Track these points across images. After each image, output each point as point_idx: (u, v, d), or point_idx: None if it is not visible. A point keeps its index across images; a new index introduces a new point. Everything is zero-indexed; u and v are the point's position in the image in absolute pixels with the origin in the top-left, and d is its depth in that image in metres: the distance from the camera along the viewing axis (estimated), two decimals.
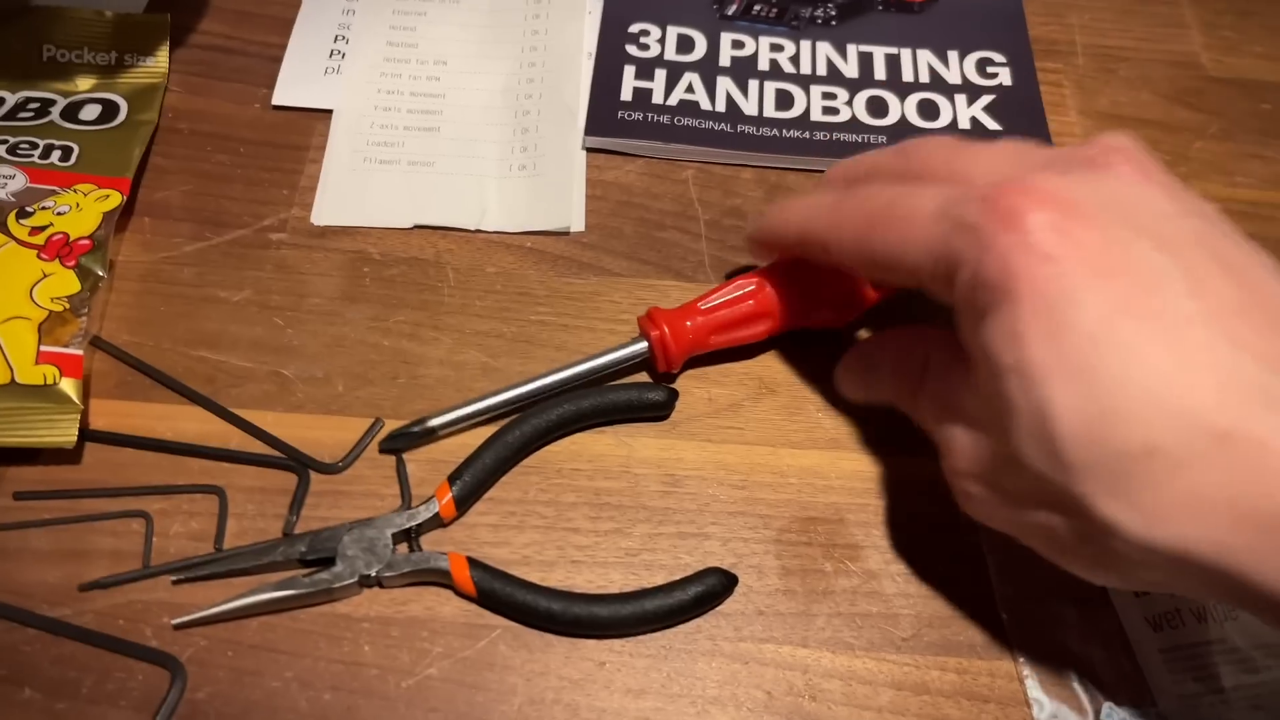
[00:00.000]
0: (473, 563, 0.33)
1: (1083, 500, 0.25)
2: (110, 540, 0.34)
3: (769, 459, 0.36)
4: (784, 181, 0.44)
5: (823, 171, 0.44)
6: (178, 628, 0.32)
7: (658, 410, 0.37)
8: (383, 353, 0.38)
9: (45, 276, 0.36)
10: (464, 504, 0.34)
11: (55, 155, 0.40)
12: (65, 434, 0.34)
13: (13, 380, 0.34)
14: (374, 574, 0.32)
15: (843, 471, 0.36)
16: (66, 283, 0.37)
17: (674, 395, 0.37)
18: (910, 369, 0.32)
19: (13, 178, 0.39)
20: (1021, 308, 0.25)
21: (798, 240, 0.33)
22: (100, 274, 0.37)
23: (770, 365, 0.39)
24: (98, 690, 0.31)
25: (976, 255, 0.26)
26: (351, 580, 0.32)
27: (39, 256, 0.37)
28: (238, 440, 0.36)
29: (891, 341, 0.34)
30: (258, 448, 0.36)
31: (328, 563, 0.33)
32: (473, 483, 0.34)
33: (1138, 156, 0.28)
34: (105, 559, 0.33)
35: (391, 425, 0.36)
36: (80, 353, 0.35)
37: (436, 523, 0.34)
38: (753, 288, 0.36)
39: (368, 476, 0.35)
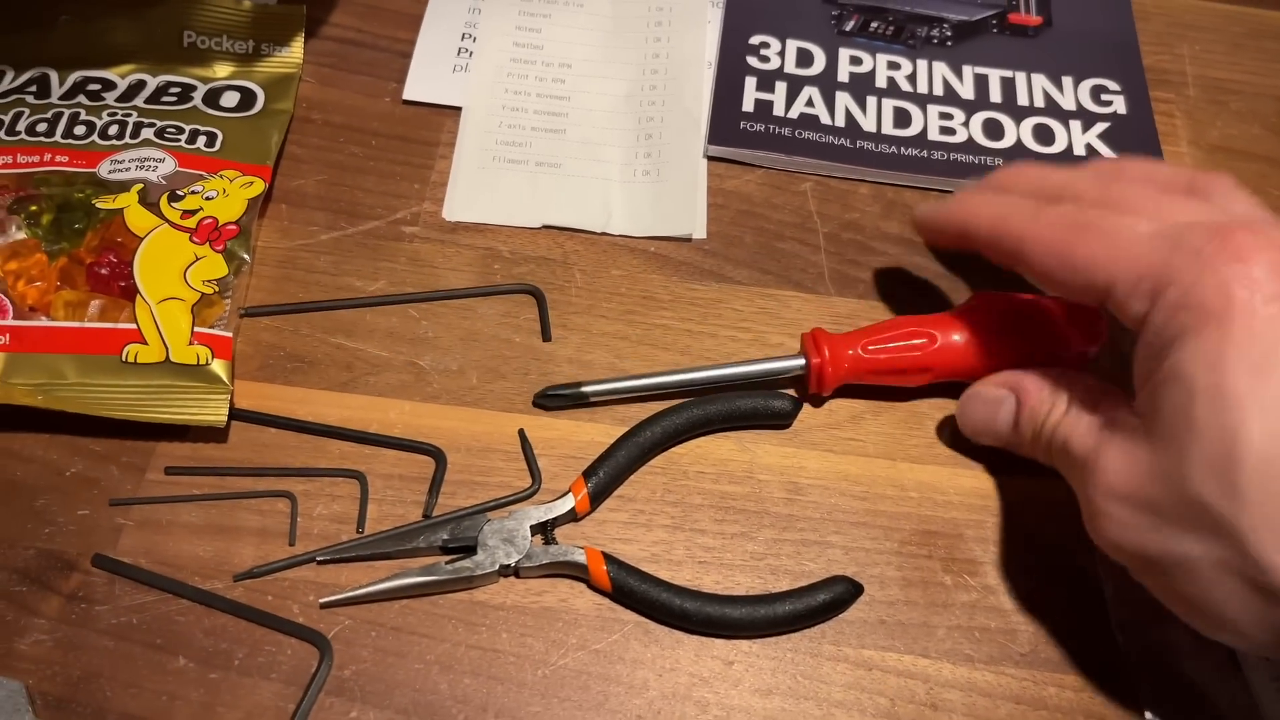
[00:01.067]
0: (608, 558, 0.34)
1: (1243, 532, 0.25)
2: (257, 518, 0.35)
3: (889, 471, 0.37)
4: (901, 198, 0.44)
5: (941, 191, 0.44)
6: (324, 606, 0.33)
7: (782, 419, 0.38)
8: (514, 348, 0.39)
9: (197, 259, 0.38)
10: (597, 499, 0.35)
11: (201, 140, 0.41)
12: (216, 413, 0.35)
13: (167, 359, 0.36)
14: (513, 564, 0.33)
15: (961, 488, 0.37)
16: (215, 266, 0.38)
17: (798, 405, 0.38)
18: (1053, 396, 0.33)
19: (163, 161, 0.40)
20: (1232, 335, 0.26)
21: (989, 235, 0.34)
22: (246, 259, 0.39)
23: None
24: (249, 662, 0.32)
25: (1195, 276, 0.27)
26: (492, 569, 0.33)
27: (191, 240, 0.38)
28: (376, 424, 0.37)
29: (1028, 375, 0.34)
30: (396, 431, 0.37)
31: (468, 551, 0.34)
32: (606, 479, 0.35)
33: None
34: (252, 536, 0.34)
35: (524, 423, 0.37)
36: (230, 335, 0.37)
37: (570, 517, 0.35)
38: (924, 341, 0.36)
39: (501, 469, 0.36)
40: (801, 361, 0.37)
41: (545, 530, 0.35)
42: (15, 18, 0.44)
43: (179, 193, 0.39)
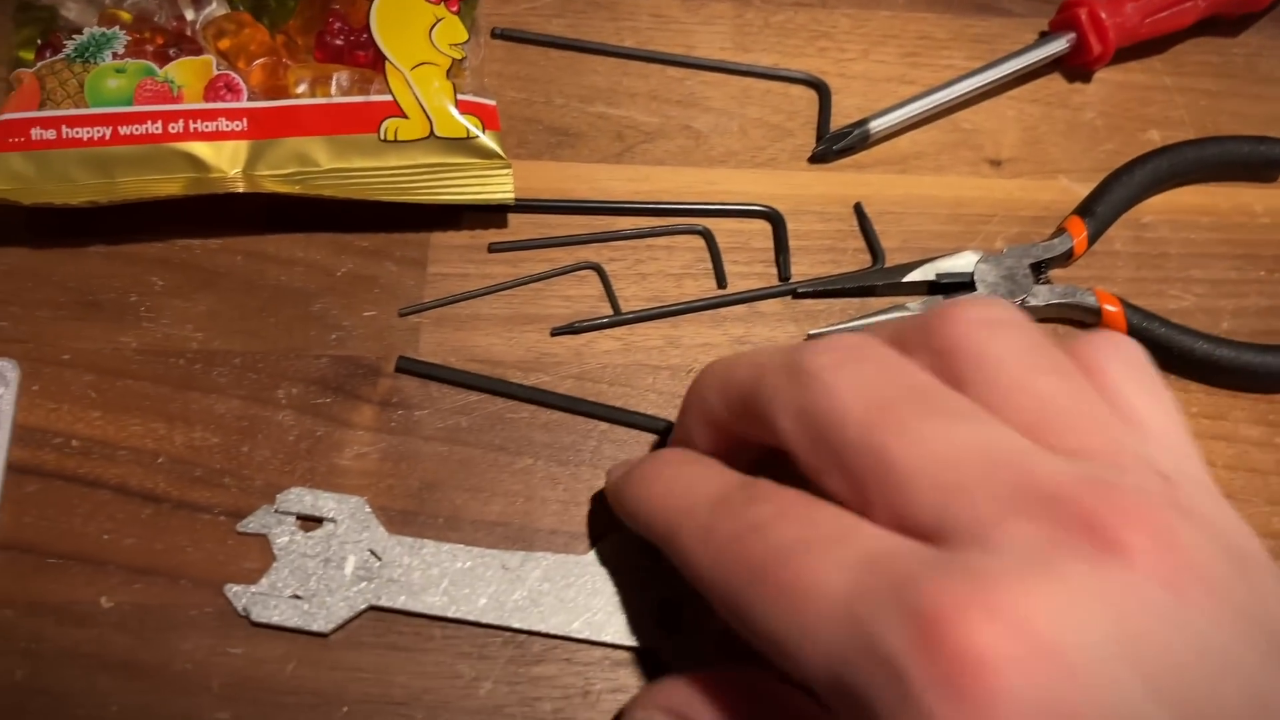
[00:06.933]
0: (1125, 302, 0.30)
1: None
2: (563, 304, 0.31)
3: (1231, 199, 0.34)
4: None
5: None
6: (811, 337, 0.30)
7: (1273, 169, 0.34)
8: (793, 101, 0.35)
9: (438, 21, 0.32)
10: (1091, 241, 0.32)
11: None
12: (502, 189, 0.31)
13: (432, 133, 0.30)
14: (1018, 303, 0.30)
15: None
16: (456, 29, 0.32)
17: None
18: None
19: None
20: None
21: (658, 538, 0.23)
22: (477, 24, 0.33)
23: None
24: (598, 454, 0.28)
25: (897, 714, 0.16)
26: None
27: None
28: (666, 194, 0.32)
29: (694, 699, 0.21)
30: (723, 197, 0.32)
31: (959, 289, 0.31)
32: (1102, 221, 0.32)
33: (1167, 525, 0.16)
34: (565, 321, 0.30)
35: (816, 180, 0.33)
36: (493, 102, 0.32)
37: (1065, 258, 0.32)
38: None
39: (819, 230, 0.32)
40: (1068, 36, 0.34)
41: (1038, 270, 0.31)
42: None
43: None
